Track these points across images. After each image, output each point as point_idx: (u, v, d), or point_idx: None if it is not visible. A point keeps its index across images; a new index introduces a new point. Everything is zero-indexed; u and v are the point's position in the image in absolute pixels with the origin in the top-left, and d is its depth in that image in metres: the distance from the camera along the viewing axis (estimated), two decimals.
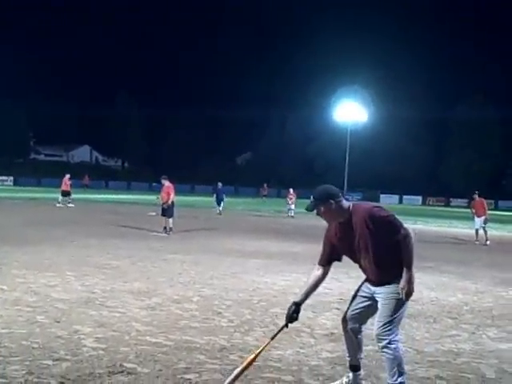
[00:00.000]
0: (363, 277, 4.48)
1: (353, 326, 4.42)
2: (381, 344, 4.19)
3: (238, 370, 4.30)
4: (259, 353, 4.35)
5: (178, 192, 18.14)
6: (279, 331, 4.45)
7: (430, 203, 69.61)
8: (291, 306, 4.35)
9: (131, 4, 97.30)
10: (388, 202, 66.50)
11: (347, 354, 4.56)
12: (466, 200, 61.59)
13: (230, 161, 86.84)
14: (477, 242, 19.05)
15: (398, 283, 4.15)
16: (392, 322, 4.16)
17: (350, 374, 4.51)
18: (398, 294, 4.14)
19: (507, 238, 22.89)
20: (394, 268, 4.15)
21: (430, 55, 77.09)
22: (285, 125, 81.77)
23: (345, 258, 4.50)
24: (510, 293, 9.64)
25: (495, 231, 23.68)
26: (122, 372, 4.67)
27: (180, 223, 18.38)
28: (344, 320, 4.49)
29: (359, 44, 74.30)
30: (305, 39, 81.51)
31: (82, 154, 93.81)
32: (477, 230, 19.58)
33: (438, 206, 66.33)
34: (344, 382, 4.53)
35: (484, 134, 73.61)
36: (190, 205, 33.74)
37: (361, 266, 4.38)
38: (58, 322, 6.09)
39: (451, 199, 70.00)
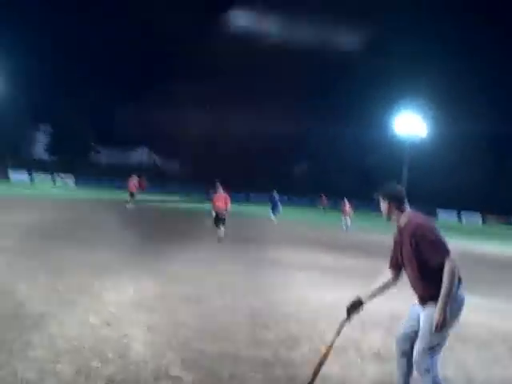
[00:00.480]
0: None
1: (404, 347, 4.37)
2: (419, 371, 4.12)
3: (313, 372, 4.50)
4: (327, 354, 4.52)
5: (233, 201, 18.15)
6: (341, 327, 4.52)
7: (490, 221, 67.52)
8: (354, 300, 4.45)
9: None
10: (446, 217, 65.03)
11: (397, 376, 4.50)
12: None
13: (287, 171, 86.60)
14: None
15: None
16: (431, 348, 4.09)
17: None
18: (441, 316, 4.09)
19: None
20: (434, 288, 4.10)
21: (494, 69, 74.97)
22: (343, 136, 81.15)
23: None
24: None
25: None
26: (167, 378, 4.75)
27: (234, 232, 18.51)
28: (396, 341, 4.46)
29: (421, 56, 72.94)
30: (366, 50, 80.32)
31: (140, 155, 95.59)
32: None
33: (499, 224, 64.28)
34: None
35: None
36: (245, 213, 33.95)
37: (408, 277, 4.40)
38: (109, 324, 6.24)
39: None
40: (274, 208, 28.86)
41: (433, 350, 4.10)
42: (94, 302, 7.27)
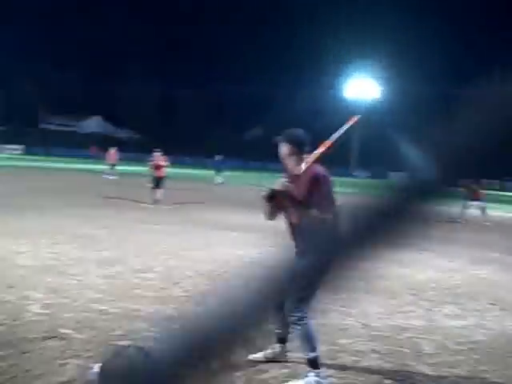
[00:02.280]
0: None
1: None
2: (291, 320, 4.20)
3: None
4: None
5: (184, 165, 18.10)
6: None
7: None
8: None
9: None
10: (396, 178, 66.11)
11: (276, 327, 4.57)
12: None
13: (238, 135, 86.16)
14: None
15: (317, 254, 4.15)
16: (301, 299, 4.12)
17: (276, 345, 4.55)
18: (312, 267, 4.15)
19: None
20: (311, 240, 4.14)
21: (446, 30, 75.80)
22: (294, 100, 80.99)
23: None
24: (481, 272, 9.58)
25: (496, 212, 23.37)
26: (56, 337, 4.74)
27: (175, 195, 18.41)
28: None
29: (372, 21, 73.11)
30: (317, 15, 79.93)
31: (94, 124, 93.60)
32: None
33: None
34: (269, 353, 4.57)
35: None
36: (192, 177, 33.81)
37: (290, 225, 4.36)
38: (12, 287, 6.17)
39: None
40: (218, 171, 30.01)
41: (302, 301, 4.15)
42: (3, 266, 7.17)
